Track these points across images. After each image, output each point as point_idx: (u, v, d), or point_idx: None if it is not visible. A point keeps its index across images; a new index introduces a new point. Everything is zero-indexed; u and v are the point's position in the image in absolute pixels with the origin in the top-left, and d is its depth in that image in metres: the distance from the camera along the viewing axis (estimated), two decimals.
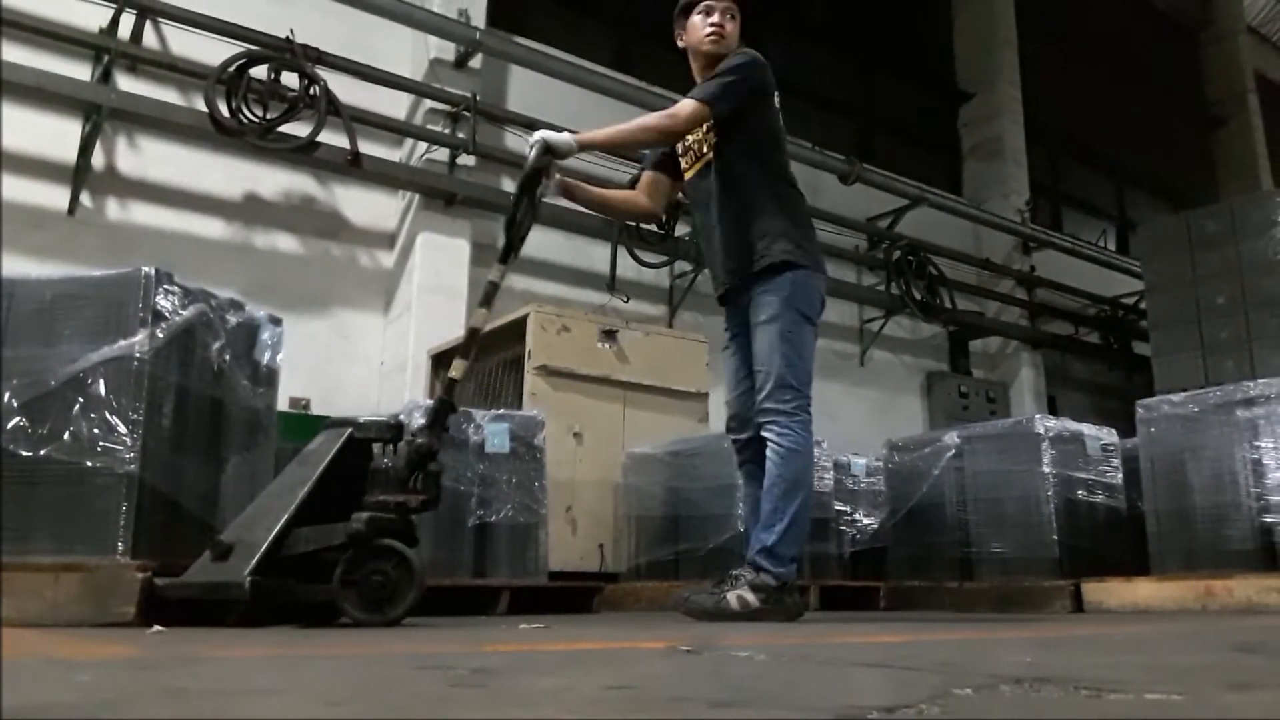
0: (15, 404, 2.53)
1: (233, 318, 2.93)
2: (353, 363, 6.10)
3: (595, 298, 6.90)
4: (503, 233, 2.96)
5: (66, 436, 2.52)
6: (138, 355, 2.58)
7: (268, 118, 5.49)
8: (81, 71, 5.28)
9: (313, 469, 2.50)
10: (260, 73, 5.52)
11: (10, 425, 2.51)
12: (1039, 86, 11.03)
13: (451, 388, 2.65)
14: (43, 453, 2.51)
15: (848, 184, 8.45)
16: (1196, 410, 3.93)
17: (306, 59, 5.67)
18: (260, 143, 5.48)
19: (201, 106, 5.33)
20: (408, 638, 2.02)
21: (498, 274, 2.81)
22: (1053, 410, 9.67)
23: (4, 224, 4.86)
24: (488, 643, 1.91)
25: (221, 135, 5.39)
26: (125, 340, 2.59)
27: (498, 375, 5.40)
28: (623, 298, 6.85)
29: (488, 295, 2.78)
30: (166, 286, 2.69)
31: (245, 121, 5.42)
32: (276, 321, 3.15)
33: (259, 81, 5.49)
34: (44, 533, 2.47)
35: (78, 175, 5.25)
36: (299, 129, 5.56)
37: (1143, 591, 3.80)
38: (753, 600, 2.94)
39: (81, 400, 2.54)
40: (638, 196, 3.54)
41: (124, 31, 5.39)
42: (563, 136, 2.93)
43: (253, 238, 5.88)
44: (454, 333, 5.86)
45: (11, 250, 4.84)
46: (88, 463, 2.50)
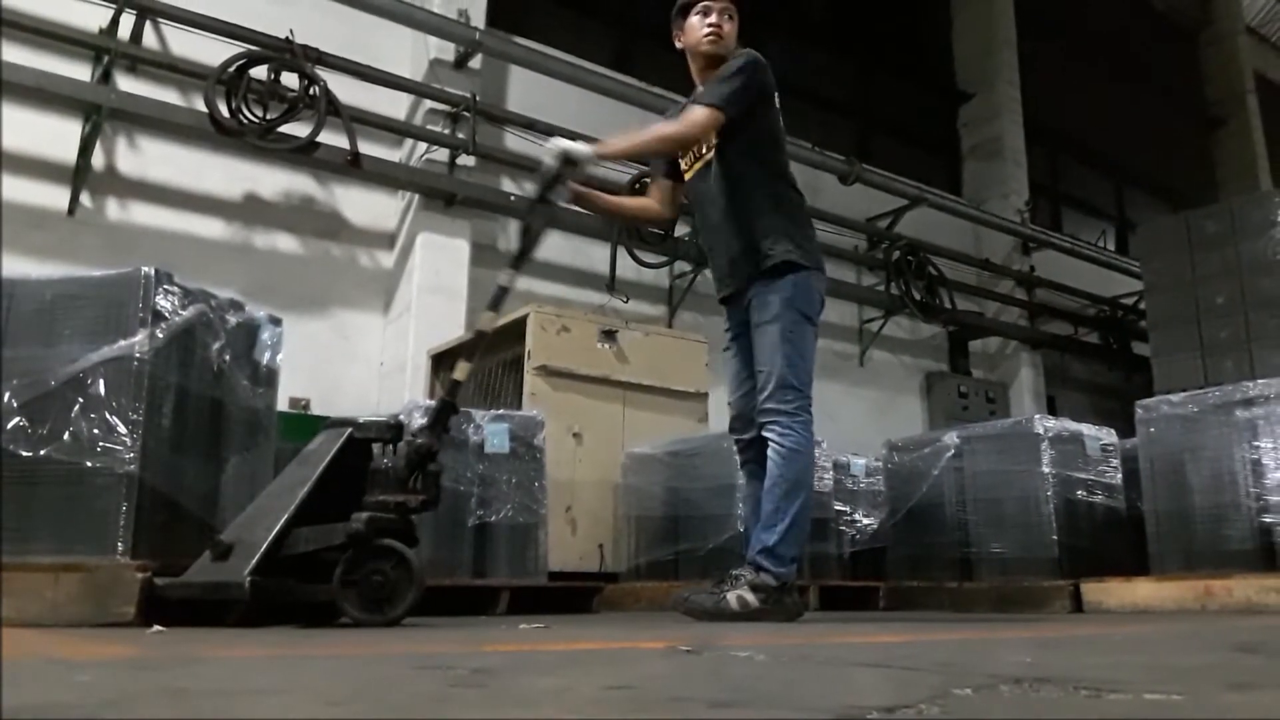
0: (15, 404, 2.53)
1: (233, 318, 2.93)
2: (352, 363, 6.10)
3: (595, 298, 6.90)
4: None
5: (66, 436, 2.51)
6: (138, 355, 2.58)
7: (267, 118, 5.49)
8: (81, 72, 5.28)
9: (313, 469, 2.50)
10: (260, 73, 5.53)
11: (10, 425, 2.51)
12: (1038, 86, 11.03)
13: (455, 389, 2.65)
14: (43, 453, 2.50)
15: (847, 184, 8.45)
16: (1196, 410, 3.93)
17: (306, 59, 5.67)
18: (260, 143, 5.48)
19: (201, 107, 5.34)
20: (408, 638, 2.02)
21: (507, 278, 2.79)
22: (1052, 410, 9.67)
23: (4, 224, 4.86)
24: (488, 643, 1.91)
25: (221, 135, 5.40)
26: (125, 340, 2.59)
27: (497, 375, 5.39)
28: (622, 298, 6.86)
29: (496, 299, 2.77)
30: (166, 286, 2.69)
31: (245, 122, 5.42)
32: (276, 321, 3.15)
33: (259, 82, 5.50)
34: (44, 533, 2.47)
35: (78, 175, 5.25)
36: (299, 129, 5.56)
37: (1142, 591, 3.80)
38: (752, 600, 2.94)
39: (81, 400, 2.54)
40: (651, 204, 3.55)
41: (124, 32, 5.39)
42: (581, 147, 2.89)
43: (253, 238, 5.88)
44: (454, 333, 5.87)
45: (11, 250, 4.85)
46: (88, 463, 2.50)
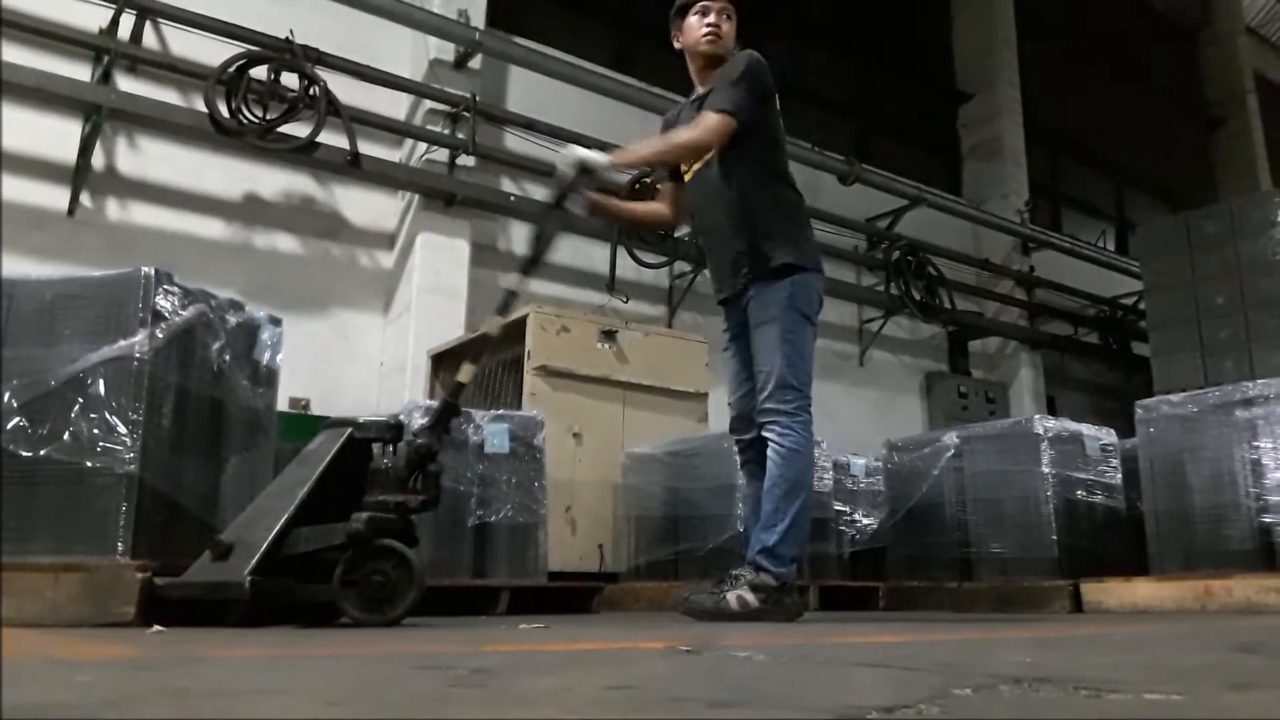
0: (15, 404, 2.53)
1: (232, 318, 2.93)
2: (352, 363, 6.10)
3: (595, 298, 6.90)
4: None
5: (66, 436, 2.51)
6: (138, 355, 2.58)
7: (267, 118, 5.49)
8: (81, 72, 5.28)
9: (312, 469, 2.50)
10: (260, 73, 5.52)
11: (10, 425, 2.51)
12: (1038, 87, 11.03)
13: (458, 391, 2.66)
14: (43, 453, 2.50)
15: (847, 184, 8.45)
16: (1195, 410, 3.93)
17: (306, 59, 5.67)
18: (260, 143, 5.48)
19: (201, 107, 5.33)
20: (408, 638, 2.02)
21: (516, 283, 2.82)
22: (1052, 410, 9.67)
23: (4, 224, 4.86)
24: (488, 643, 1.91)
25: (221, 136, 5.39)
26: (125, 340, 2.59)
27: (497, 375, 5.39)
28: (622, 298, 6.86)
29: (505, 303, 2.78)
30: (166, 287, 2.69)
31: (245, 122, 5.42)
32: (276, 322, 3.15)
33: (259, 82, 5.49)
34: (44, 533, 2.47)
35: (78, 175, 5.25)
36: (299, 129, 5.56)
37: (1142, 592, 3.80)
38: (752, 600, 2.94)
39: (81, 400, 2.54)
40: (661, 208, 3.57)
41: (124, 32, 5.39)
42: (598, 156, 2.91)
43: (252, 238, 5.88)
44: (454, 333, 5.87)
45: (11, 250, 4.85)
46: (88, 463, 2.50)
